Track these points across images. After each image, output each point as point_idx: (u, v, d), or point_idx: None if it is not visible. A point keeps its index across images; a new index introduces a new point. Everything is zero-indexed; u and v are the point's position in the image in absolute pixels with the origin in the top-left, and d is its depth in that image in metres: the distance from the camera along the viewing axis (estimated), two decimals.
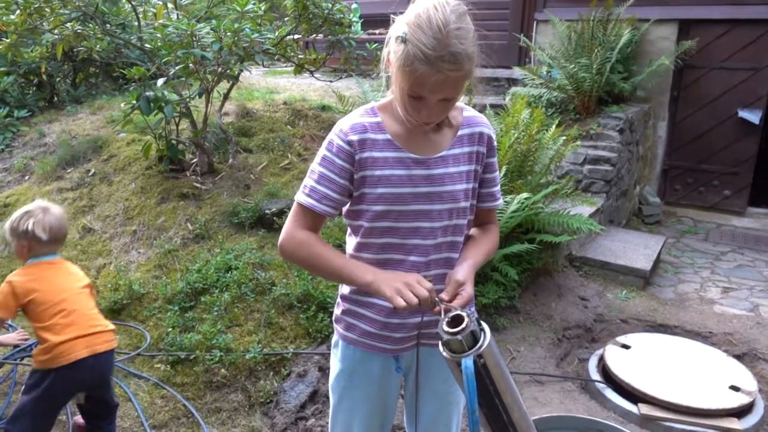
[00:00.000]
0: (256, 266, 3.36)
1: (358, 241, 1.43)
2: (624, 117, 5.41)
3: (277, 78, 7.11)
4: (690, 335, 3.63)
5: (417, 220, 1.38)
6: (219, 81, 4.02)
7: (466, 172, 1.41)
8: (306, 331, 3.03)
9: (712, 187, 6.10)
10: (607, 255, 4.51)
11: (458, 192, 1.40)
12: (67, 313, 2.14)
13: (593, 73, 5.33)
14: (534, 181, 3.87)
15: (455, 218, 1.42)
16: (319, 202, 1.38)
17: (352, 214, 1.43)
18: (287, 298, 3.15)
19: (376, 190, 1.35)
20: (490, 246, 1.51)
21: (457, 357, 1.20)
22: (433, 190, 1.37)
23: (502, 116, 4.07)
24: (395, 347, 1.51)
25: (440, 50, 1.19)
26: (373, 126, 1.36)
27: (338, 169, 1.36)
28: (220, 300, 3.11)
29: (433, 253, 1.42)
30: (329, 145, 1.37)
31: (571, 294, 4.04)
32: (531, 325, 3.64)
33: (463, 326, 1.19)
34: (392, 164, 1.35)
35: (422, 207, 1.37)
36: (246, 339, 2.95)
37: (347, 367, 1.57)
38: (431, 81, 1.21)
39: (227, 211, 3.80)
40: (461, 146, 1.41)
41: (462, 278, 1.35)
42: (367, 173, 1.35)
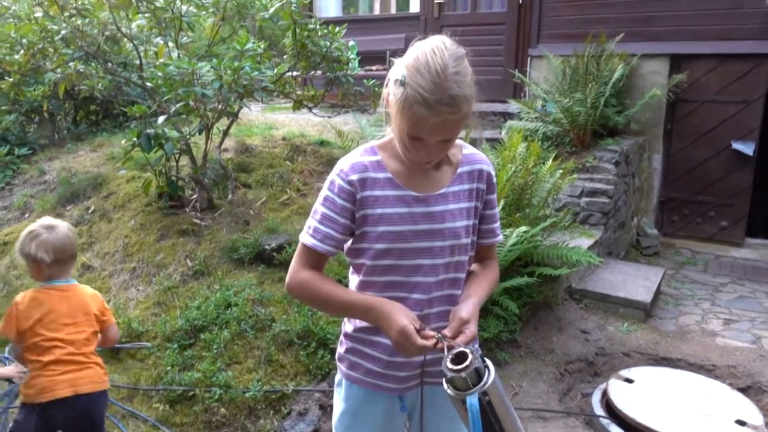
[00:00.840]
0: (255, 302, 3.34)
1: (361, 280, 1.44)
2: (619, 150, 5.47)
3: (276, 114, 7.19)
4: (693, 368, 3.61)
5: (419, 257, 1.39)
6: (219, 118, 4.07)
7: (467, 209, 1.43)
8: (306, 368, 3.00)
9: (709, 218, 6.13)
10: (606, 287, 4.50)
11: (459, 229, 1.41)
12: (58, 348, 2.08)
13: (588, 106, 5.40)
14: (532, 214, 3.89)
15: (457, 255, 1.43)
16: (321, 242, 1.39)
17: (354, 252, 1.44)
18: (287, 334, 3.12)
19: (378, 229, 1.36)
20: (492, 282, 1.52)
21: (461, 395, 1.19)
22: (434, 227, 1.39)
23: (499, 150, 4.11)
24: (400, 386, 1.50)
25: (439, 94, 1.22)
26: (374, 165, 1.38)
27: (340, 208, 1.37)
28: (219, 337, 3.08)
29: (435, 291, 1.42)
30: (331, 186, 1.39)
31: (572, 327, 4.02)
32: (533, 360, 3.61)
33: (467, 363, 1.19)
34: (393, 202, 1.36)
35: (424, 244, 1.38)
36: (246, 377, 2.92)
37: (351, 406, 1.55)
38: (430, 123, 1.24)
39: (227, 247, 3.80)
40: (461, 183, 1.43)
41: (466, 316, 1.35)
42: (368, 212, 1.37)
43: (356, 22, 7.72)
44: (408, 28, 7.27)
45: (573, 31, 6.22)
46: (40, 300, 2.13)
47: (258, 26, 4.40)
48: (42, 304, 2.12)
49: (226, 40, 4.73)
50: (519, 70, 6.48)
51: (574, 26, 6.24)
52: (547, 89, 5.86)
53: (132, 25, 4.13)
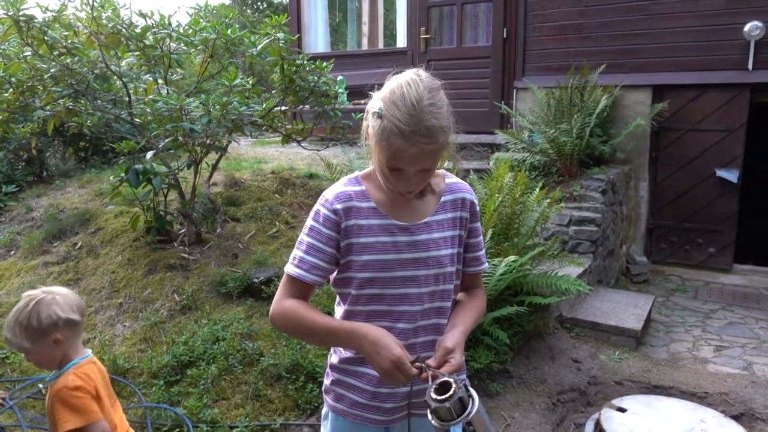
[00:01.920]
0: (243, 336, 3.31)
1: (346, 309, 1.44)
2: (605, 178, 5.53)
3: (265, 148, 7.23)
4: (686, 396, 3.58)
5: (404, 286, 1.39)
6: (207, 152, 4.09)
7: (451, 238, 1.44)
8: (295, 402, 2.96)
9: (697, 245, 6.17)
10: (597, 315, 4.49)
11: (444, 257, 1.42)
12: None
13: (573, 137, 5.48)
14: (520, 243, 3.90)
15: (442, 283, 1.43)
16: (308, 272, 1.40)
17: (340, 282, 1.45)
18: (275, 368, 3.09)
19: (362, 258, 1.37)
20: (479, 311, 1.52)
21: (445, 425, 1.18)
22: (419, 256, 1.40)
23: (486, 180, 4.15)
24: (386, 417, 1.48)
25: (414, 125, 1.24)
26: (358, 194, 1.40)
27: (325, 238, 1.38)
28: (206, 372, 3.05)
29: (421, 320, 1.42)
30: (316, 215, 1.40)
31: (563, 356, 4.00)
32: (525, 390, 3.58)
33: (450, 393, 1.18)
34: (377, 231, 1.37)
35: (408, 273, 1.39)
36: (233, 412, 2.88)
37: None
38: (407, 154, 1.26)
39: (215, 281, 3.78)
40: (444, 212, 1.44)
41: (451, 345, 1.35)
42: (353, 240, 1.37)
43: (344, 58, 7.84)
44: (396, 62, 7.38)
45: (557, 64, 6.34)
46: (92, 377, 1.74)
47: (248, 63, 4.46)
48: (98, 382, 1.74)
49: (215, 76, 4.79)
50: (505, 103, 6.58)
51: (558, 59, 6.37)
52: (533, 120, 5.94)
53: (121, 63, 4.18)
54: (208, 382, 3.01)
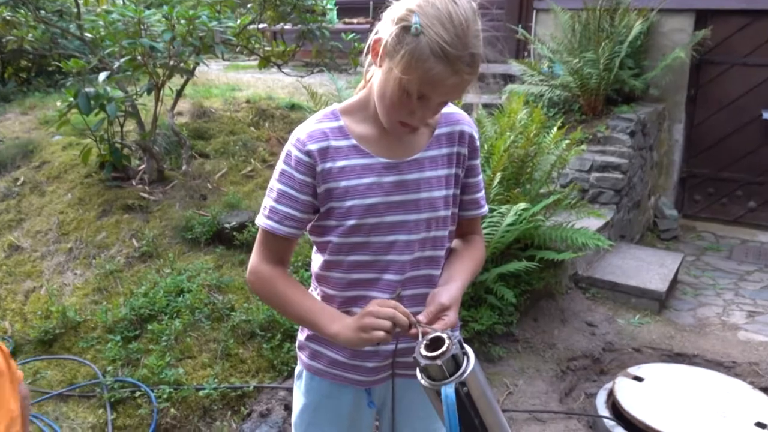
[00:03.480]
0: (212, 289, 3.34)
1: (326, 260, 1.44)
2: (635, 118, 5.49)
3: (240, 73, 7.12)
4: (711, 365, 3.67)
5: (391, 233, 1.39)
6: (171, 76, 4.02)
7: (446, 177, 1.42)
8: (270, 363, 3.01)
9: (736, 198, 6.19)
10: (617, 275, 4.55)
11: (437, 199, 1.41)
12: None
13: (600, 68, 5.41)
14: (533, 191, 3.90)
15: (434, 229, 1.43)
16: (280, 223, 1.39)
17: (319, 230, 1.44)
18: (248, 325, 3.13)
19: (345, 204, 1.36)
20: (477, 262, 1.52)
21: (436, 385, 1.20)
22: (408, 198, 1.38)
23: (497, 117, 4.11)
24: (367, 378, 1.51)
25: (462, 50, 1.21)
26: (335, 131, 1.37)
27: (299, 184, 1.37)
28: (169, 328, 3.08)
29: (410, 270, 1.43)
30: (287, 158, 1.39)
31: (576, 319, 4.07)
32: (531, 355, 3.65)
33: (443, 350, 1.19)
34: (359, 172, 1.36)
35: (397, 218, 1.38)
36: (200, 373, 2.93)
37: (312, 401, 1.56)
38: (447, 83, 1.23)
39: (179, 225, 3.78)
40: (439, 147, 1.42)
41: (447, 302, 1.35)
42: (331, 185, 1.36)
43: None
44: None
45: None
46: None
47: None
48: None
49: None
50: (522, 27, 6.45)
51: None
52: (554, 48, 5.85)
53: None
54: (172, 338, 3.05)
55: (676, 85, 6.10)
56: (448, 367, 1.19)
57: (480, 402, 1.21)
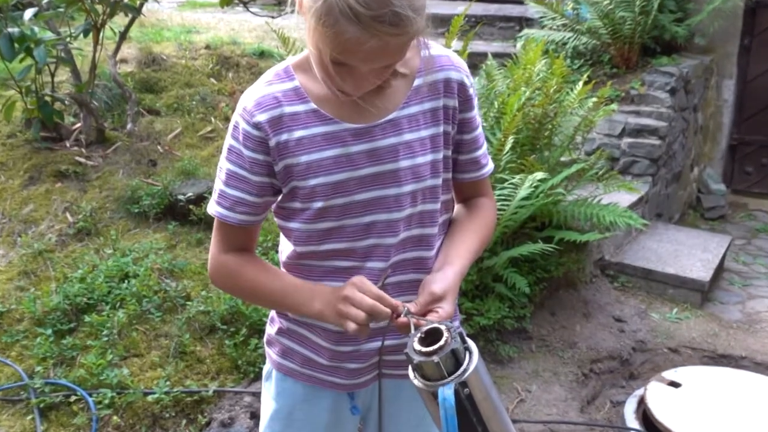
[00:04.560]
0: (163, 273, 3.34)
1: (297, 251, 1.44)
2: (677, 73, 5.50)
3: (198, 12, 7.05)
4: (761, 369, 3.71)
5: (368, 212, 1.38)
6: (113, 14, 3.98)
7: (431, 138, 1.41)
8: (233, 363, 3.03)
9: None
10: (652, 261, 4.58)
11: (421, 167, 1.40)
12: None
13: (636, 12, 5.40)
14: (552, 158, 3.91)
15: (421, 202, 1.42)
16: (231, 210, 1.39)
17: (284, 213, 1.44)
18: (207, 317, 3.14)
19: (308, 183, 1.35)
20: (482, 235, 1.52)
21: (432, 386, 1.20)
22: (385, 169, 1.37)
23: (510, 69, 4.10)
24: (349, 381, 1.52)
25: (377, 8, 1.14)
26: (289, 94, 1.35)
27: (249, 163, 1.35)
28: (112, 320, 3.09)
29: (396, 254, 1.43)
30: (234, 131, 1.37)
31: (602, 313, 4.10)
32: (547, 356, 3.69)
33: (440, 344, 1.20)
34: (321, 143, 1.34)
35: (372, 194, 1.37)
36: (149, 374, 2.94)
37: (284, 406, 1.57)
38: (364, 48, 1.18)
39: (124, 196, 3.77)
40: (420, 102, 1.40)
41: (440, 291, 1.35)
42: (290, 161, 1.35)
43: None
44: None
45: None
46: None
47: None
48: None
49: None
50: None
51: None
52: None
53: None
54: (114, 332, 3.05)
55: (726, 32, 6.09)
56: (446, 364, 1.20)
57: (484, 406, 1.22)
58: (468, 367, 1.21)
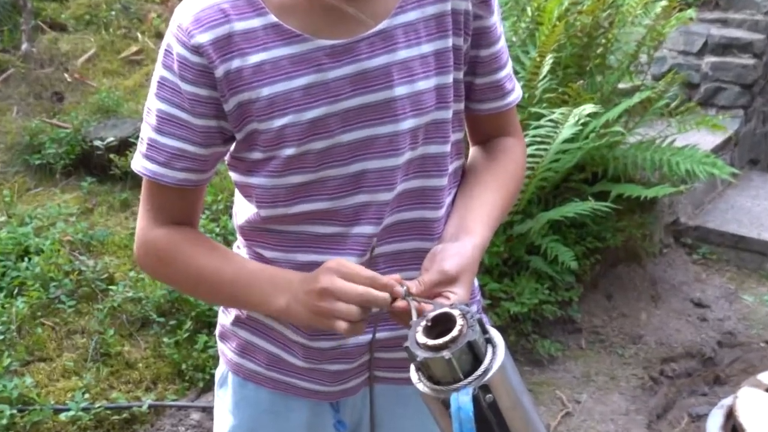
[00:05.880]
0: (77, 248, 3.36)
1: (260, 215, 1.43)
2: None
3: None
4: None
5: (355, 159, 1.37)
6: None
7: (436, 55, 1.40)
8: (175, 367, 3.06)
9: None
10: (744, 224, 4.58)
11: (424, 94, 1.39)
12: None
13: None
14: (607, 85, 3.90)
15: (424, 143, 1.41)
16: (166, 166, 1.37)
17: (240, 165, 1.43)
18: (138, 307, 3.17)
19: (273, 124, 1.34)
20: (509, 189, 1.52)
21: (443, 391, 1.21)
22: (374, 100, 1.36)
23: None
24: (331, 388, 1.53)
25: None
26: (239, 5, 1.33)
27: (188, 100, 1.34)
28: (8, 313, 3.10)
29: (391, 214, 1.42)
30: (166, 58, 1.35)
31: (676, 295, 4.12)
32: (602, 354, 3.71)
33: (453, 334, 1.20)
34: (288, 69, 1.33)
35: (360, 134, 1.36)
36: (60, 384, 2.97)
37: (244, 421, 1.59)
38: None
39: (19, 143, 3.79)
40: (420, 6, 1.39)
41: (453, 269, 1.34)
42: (245, 96, 1.33)
43: None
44: None
45: None
46: None
47: None
48: None
49: None
50: None
51: None
52: None
53: None
54: (12, 329, 3.07)
55: None
56: (461, 362, 1.20)
57: (512, 417, 1.22)
58: (491, 365, 1.20)
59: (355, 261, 1.37)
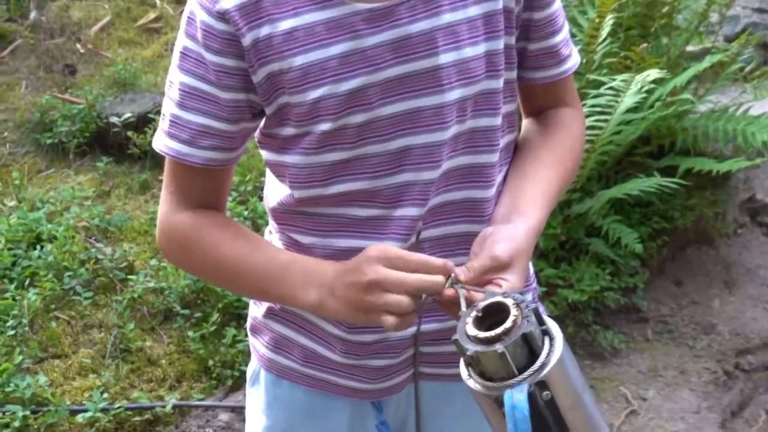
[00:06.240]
0: (93, 234, 3.39)
1: (294, 196, 1.43)
2: None
3: None
4: None
5: (397, 133, 1.37)
6: None
7: (484, 18, 1.39)
8: (201, 364, 3.08)
9: None
10: None
11: (472, 62, 1.38)
12: None
13: None
14: (674, 48, 3.87)
15: (473, 116, 1.41)
16: (191, 144, 1.37)
17: (271, 143, 1.43)
18: (160, 298, 3.19)
19: (306, 96, 1.34)
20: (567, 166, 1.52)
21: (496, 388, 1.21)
22: (417, 68, 1.35)
23: None
24: (373, 386, 1.53)
25: None
26: None
27: (214, 72, 1.34)
28: (20, 305, 3.14)
29: (436, 194, 1.42)
30: (189, 26, 1.36)
31: (752, 281, 4.09)
32: (671, 346, 3.69)
33: (507, 326, 1.21)
34: (323, 36, 1.33)
35: (402, 107, 1.36)
36: (77, 383, 2.99)
37: (278, 422, 1.60)
38: None
39: (29, 120, 3.83)
40: None
41: (505, 254, 1.34)
42: (276, 66, 1.33)
43: None
44: None
45: None
46: None
47: None
48: None
49: None
50: None
51: None
52: None
53: None
54: (24, 323, 3.10)
55: None
56: (515, 356, 1.20)
57: (572, 417, 1.22)
58: (548, 359, 1.20)
59: (398, 247, 1.36)
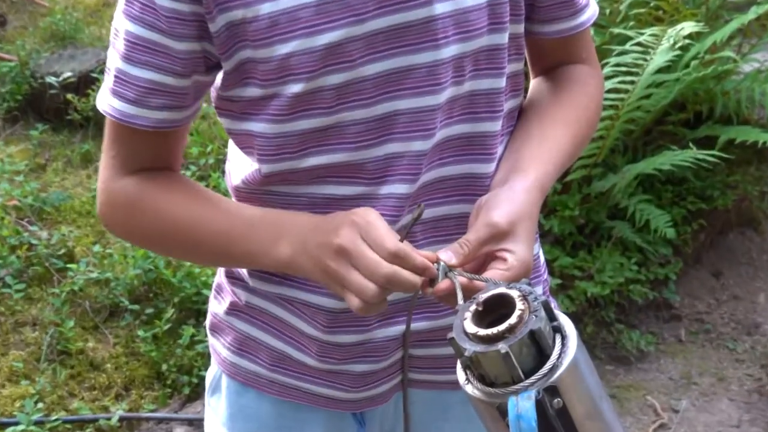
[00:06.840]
0: (26, 215, 3.41)
1: (261, 171, 1.42)
2: None
3: None
4: None
5: (383, 96, 1.36)
6: None
7: None
8: (153, 369, 3.09)
9: None
10: None
11: (472, 13, 1.37)
12: None
13: None
14: None
15: (472, 77, 1.40)
16: (138, 104, 1.36)
17: (232, 106, 1.42)
18: (105, 291, 3.20)
19: (274, 51, 1.32)
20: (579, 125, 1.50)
21: (498, 395, 1.22)
22: (408, 19, 1.35)
23: None
24: (355, 395, 1.54)
25: None
26: None
27: (166, 18, 1.32)
28: None
29: (429, 169, 1.42)
30: None
31: None
32: (707, 349, 3.70)
33: (512, 321, 1.21)
34: None
35: (389, 64, 1.36)
36: (6, 391, 3.01)
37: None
38: None
39: None
40: None
41: (504, 220, 1.33)
42: (239, 14, 1.31)
43: None
44: None
45: None
46: None
47: None
48: None
49: None
50: None
51: None
52: None
53: None
54: None
55: None
56: (521, 357, 1.20)
57: (587, 427, 1.22)
58: (560, 361, 1.21)
59: None
